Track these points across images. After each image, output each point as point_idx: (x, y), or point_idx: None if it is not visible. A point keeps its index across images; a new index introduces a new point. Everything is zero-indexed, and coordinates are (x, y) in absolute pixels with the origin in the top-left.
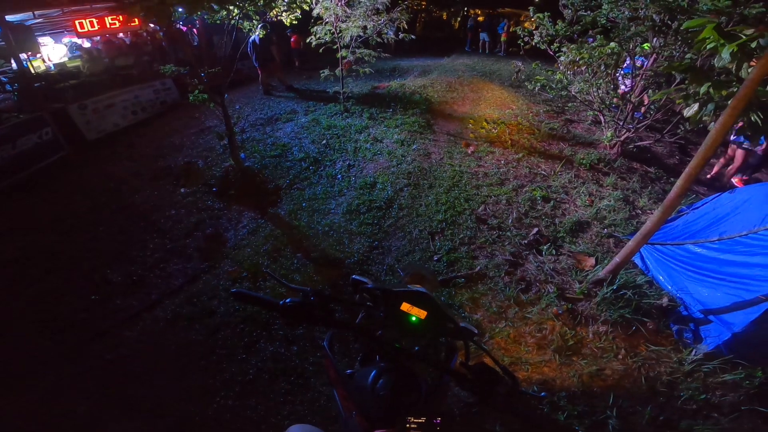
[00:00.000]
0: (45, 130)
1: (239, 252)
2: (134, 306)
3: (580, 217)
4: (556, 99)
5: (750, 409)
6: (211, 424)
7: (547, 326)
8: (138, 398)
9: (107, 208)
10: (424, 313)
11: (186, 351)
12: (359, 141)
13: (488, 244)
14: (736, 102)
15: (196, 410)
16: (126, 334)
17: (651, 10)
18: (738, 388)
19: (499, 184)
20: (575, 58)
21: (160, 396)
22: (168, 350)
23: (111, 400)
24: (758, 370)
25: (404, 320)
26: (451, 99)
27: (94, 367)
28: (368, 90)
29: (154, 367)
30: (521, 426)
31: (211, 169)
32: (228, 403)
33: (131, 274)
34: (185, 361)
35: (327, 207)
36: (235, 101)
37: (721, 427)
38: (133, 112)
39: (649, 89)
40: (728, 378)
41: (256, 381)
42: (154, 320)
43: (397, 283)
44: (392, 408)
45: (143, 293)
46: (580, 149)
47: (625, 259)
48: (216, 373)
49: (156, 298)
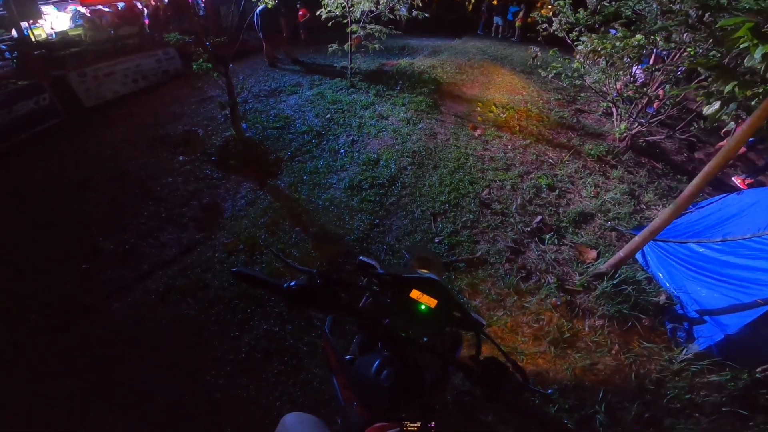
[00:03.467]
0: (42, 96)
1: (236, 223)
2: (125, 277)
3: (585, 208)
4: (568, 88)
5: (731, 410)
6: (201, 405)
7: (544, 317)
8: (126, 377)
9: (101, 174)
10: (434, 301)
11: (177, 327)
12: (364, 117)
13: (490, 230)
14: (767, 103)
15: (186, 390)
16: (115, 306)
17: (687, 4)
18: (722, 389)
19: (504, 169)
20: (597, 48)
21: (149, 375)
22: (159, 326)
23: (98, 379)
24: (744, 372)
25: (413, 308)
26: (461, 81)
27: (81, 343)
28: (376, 67)
29: (144, 344)
30: (521, 421)
31: (211, 138)
32: (219, 382)
33: (123, 242)
34: (176, 338)
35: (328, 181)
36: (239, 72)
37: (702, 428)
38: (134, 80)
39: (666, 84)
40: (714, 379)
41: (248, 360)
42: (145, 292)
43: (404, 267)
44: (395, 400)
45: (135, 263)
46: (588, 140)
47: (629, 254)
48: (207, 350)
49: (148, 268)
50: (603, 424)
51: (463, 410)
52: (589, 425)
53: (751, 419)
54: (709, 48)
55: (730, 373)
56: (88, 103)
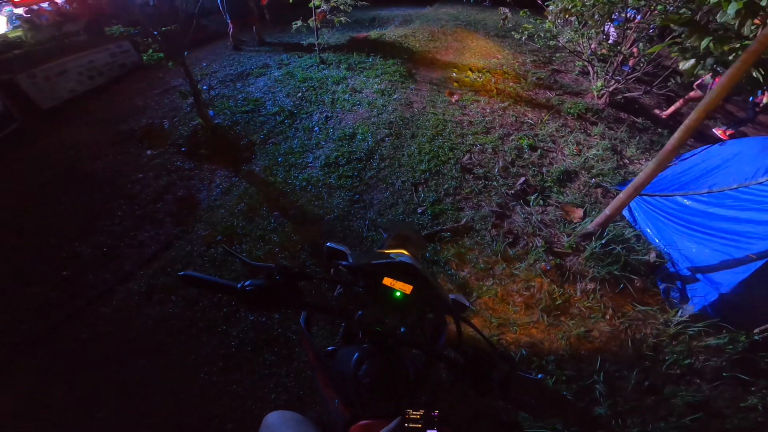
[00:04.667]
0: None
1: (213, 213)
2: (107, 280)
3: (568, 167)
4: (543, 49)
5: (731, 375)
6: (197, 402)
7: (534, 284)
8: (118, 380)
9: (68, 177)
10: (409, 287)
11: (164, 326)
12: (337, 92)
13: (474, 195)
14: (747, 56)
15: (180, 389)
16: (101, 310)
17: None
18: (721, 353)
19: (484, 132)
20: (567, 6)
21: (141, 376)
22: (145, 326)
23: (90, 384)
24: (742, 334)
25: (387, 296)
26: (434, 48)
27: (69, 350)
28: (346, 41)
29: (132, 346)
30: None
31: (178, 129)
32: (212, 379)
33: (101, 245)
34: (164, 337)
35: (304, 161)
36: (202, 59)
37: (703, 394)
38: (90, 77)
39: (640, 42)
40: (712, 342)
41: (239, 354)
42: (128, 294)
43: (379, 248)
44: (377, 397)
45: (115, 265)
46: (567, 98)
47: (615, 211)
48: (197, 347)
49: (129, 269)
50: (603, 395)
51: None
52: (588, 396)
53: (752, 384)
54: (679, 5)
55: (727, 335)
56: (45, 105)
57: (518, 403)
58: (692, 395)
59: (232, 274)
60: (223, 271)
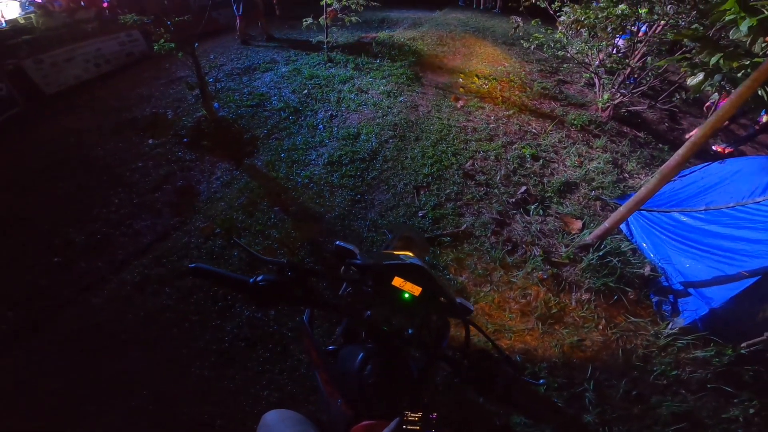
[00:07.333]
0: None
1: (212, 206)
2: (99, 269)
3: (569, 178)
4: (551, 59)
5: (716, 387)
6: (187, 398)
7: (531, 292)
8: (108, 373)
9: (67, 163)
10: (418, 289)
11: (157, 318)
12: (343, 91)
13: (475, 201)
14: (758, 75)
15: (171, 383)
16: (93, 301)
17: None
18: (707, 365)
19: (488, 139)
20: (580, 18)
21: (133, 370)
22: (138, 318)
23: (81, 377)
24: (729, 347)
25: (396, 297)
26: (442, 53)
27: (61, 340)
28: (354, 40)
29: (125, 338)
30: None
31: (182, 119)
32: (204, 374)
33: (95, 232)
34: (157, 330)
35: (307, 158)
36: (210, 51)
37: (688, 405)
38: (96, 65)
39: (649, 56)
40: (700, 354)
41: (232, 349)
42: (121, 284)
43: (386, 249)
44: (380, 397)
45: (109, 254)
46: (571, 110)
47: (614, 225)
48: (190, 341)
49: (123, 258)
50: (592, 403)
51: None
52: (578, 403)
53: (735, 396)
54: (692, 20)
55: (714, 348)
56: (49, 91)
57: (520, 408)
58: (677, 405)
59: (230, 267)
60: (220, 264)
